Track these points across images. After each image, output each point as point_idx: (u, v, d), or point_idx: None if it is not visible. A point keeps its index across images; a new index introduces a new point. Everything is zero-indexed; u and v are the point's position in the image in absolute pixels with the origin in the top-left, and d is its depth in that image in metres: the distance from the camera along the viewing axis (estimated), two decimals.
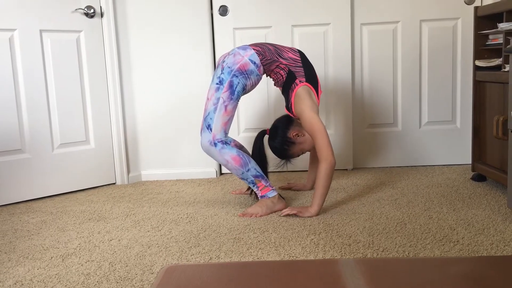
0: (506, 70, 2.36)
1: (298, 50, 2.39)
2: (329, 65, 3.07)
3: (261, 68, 2.30)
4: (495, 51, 2.60)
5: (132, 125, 3.10)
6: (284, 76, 2.33)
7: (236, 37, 3.06)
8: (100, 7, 2.90)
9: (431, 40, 3.06)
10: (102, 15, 2.92)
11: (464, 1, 3.01)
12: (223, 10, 3.03)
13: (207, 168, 3.12)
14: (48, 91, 2.78)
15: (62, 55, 2.80)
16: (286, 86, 2.34)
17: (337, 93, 3.09)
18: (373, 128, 3.17)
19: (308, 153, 2.72)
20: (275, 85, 2.45)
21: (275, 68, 2.33)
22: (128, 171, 3.10)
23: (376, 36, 3.07)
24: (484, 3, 2.97)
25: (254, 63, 2.27)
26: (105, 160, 3.02)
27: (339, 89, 3.09)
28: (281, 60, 2.31)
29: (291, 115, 2.37)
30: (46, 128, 2.78)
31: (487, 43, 2.63)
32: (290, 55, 2.34)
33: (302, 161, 2.98)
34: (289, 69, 2.31)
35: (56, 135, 2.82)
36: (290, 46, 3.04)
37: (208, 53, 3.04)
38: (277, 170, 2.63)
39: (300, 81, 2.30)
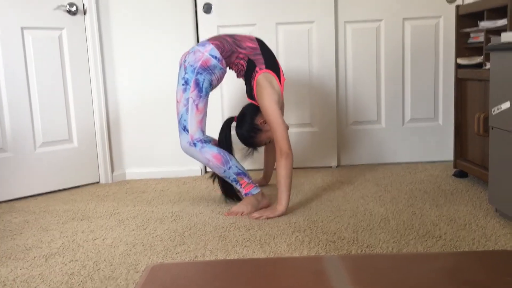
0: (487, 68, 2.39)
1: (256, 38, 2.38)
2: (313, 63, 3.08)
3: (223, 61, 2.29)
4: (476, 49, 2.64)
5: (116, 124, 3.07)
6: (244, 65, 2.33)
7: None
8: (83, 4, 2.87)
9: (414, 38, 3.09)
10: (84, 12, 2.89)
11: (446, 0, 3.05)
12: (207, 8, 3.02)
13: (192, 166, 3.12)
14: (30, 89, 2.74)
15: (44, 53, 2.77)
16: (247, 75, 2.33)
17: (321, 90, 3.10)
18: (357, 125, 3.19)
19: None
20: (238, 76, 2.44)
21: (235, 59, 2.33)
22: (112, 170, 3.08)
23: (359, 34, 3.09)
24: (466, 2, 3.00)
25: (215, 57, 2.26)
26: (89, 158, 2.99)
27: (323, 87, 3.10)
28: (240, 50, 2.31)
29: (255, 103, 2.36)
30: (28, 126, 2.74)
31: (468, 41, 2.66)
32: (249, 44, 2.33)
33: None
34: (248, 58, 2.31)
35: (38, 133, 2.79)
36: (271, 43, 3.04)
37: None
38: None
39: (260, 69, 2.29)
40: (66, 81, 2.87)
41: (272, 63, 2.32)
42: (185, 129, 2.28)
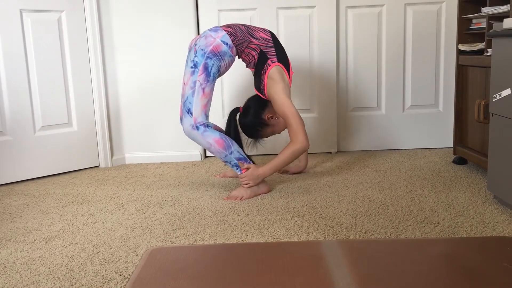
0: (488, 54, 2.38)
1: (269, 30, 2.38)
2: (314, 49, 3.06)
3: (234, 49, 2.29)
4: (478, 35, 2.62)
5: (116, 107, 3.07)
6: (256, 56, 2.33)
7: (221, 19, 3.03)
8: None
9: (415, 24, 3.07)
10: None
11: None
12: None
13: (191, 151, 3.12)
14: (29, 73, 2.73)
15: (43, 36, 2.75)
16: (259, 67, 2.33)
17: (322, 76, 3.09)
18: (357, 111, 3.19)
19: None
20: (247, 66, 2.43)
21: (245, 48, 2.32)
22: (112, 154, 3.08)
23: (361, 20, 3.07)
24: None
25: (227, 44, 2.26)
26: (88, 142, 2.99)
27: (324, 73, 3.09)
28: (252, 40, 2.31)
29: (262, 96, 2.36)
30: (27, 110, 2.73)
31: (470, 27, 2.65)
32: (262, 34, 2.33)
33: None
34: (260, 49, 2.31)
35: (38, 117, 2.78)
36: (272, 28, 3.02)
37: (192, 34, 3.01)
38: (260, 154, 2.61)
39: (272, 62, 2.29)
40: (66, 64, 2.86)
41: (282, 57, 2.32)
42: (189, 111, 2.28)
